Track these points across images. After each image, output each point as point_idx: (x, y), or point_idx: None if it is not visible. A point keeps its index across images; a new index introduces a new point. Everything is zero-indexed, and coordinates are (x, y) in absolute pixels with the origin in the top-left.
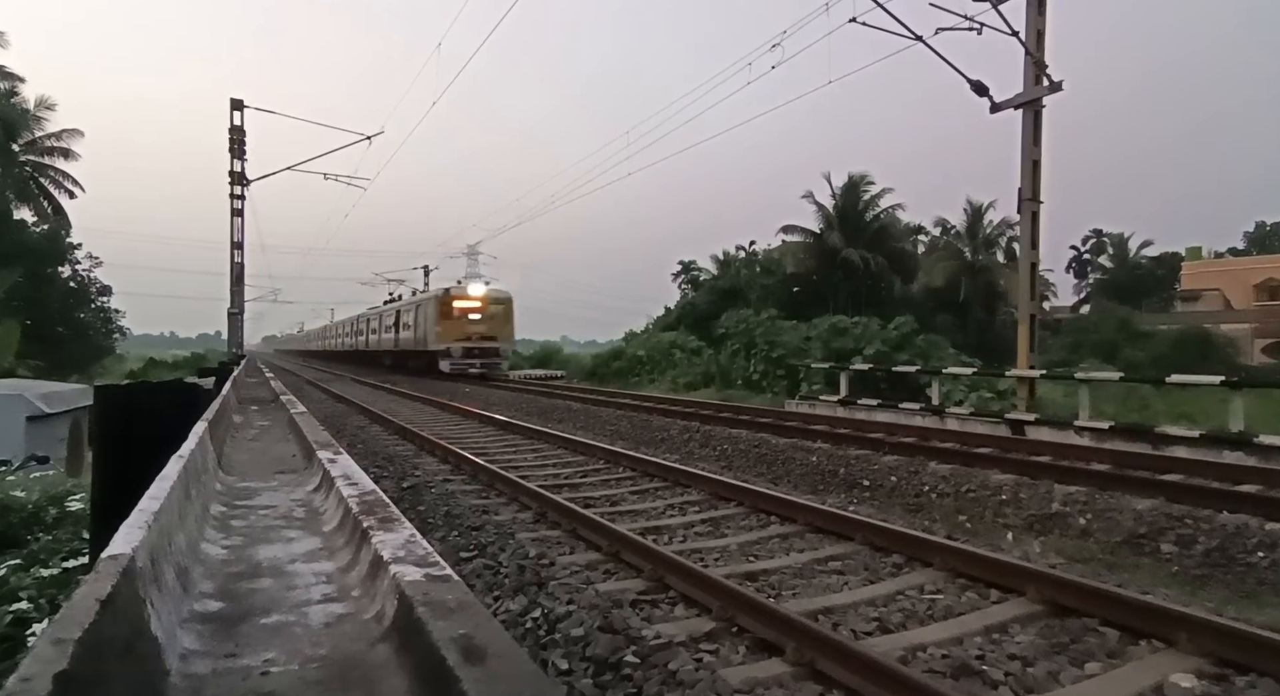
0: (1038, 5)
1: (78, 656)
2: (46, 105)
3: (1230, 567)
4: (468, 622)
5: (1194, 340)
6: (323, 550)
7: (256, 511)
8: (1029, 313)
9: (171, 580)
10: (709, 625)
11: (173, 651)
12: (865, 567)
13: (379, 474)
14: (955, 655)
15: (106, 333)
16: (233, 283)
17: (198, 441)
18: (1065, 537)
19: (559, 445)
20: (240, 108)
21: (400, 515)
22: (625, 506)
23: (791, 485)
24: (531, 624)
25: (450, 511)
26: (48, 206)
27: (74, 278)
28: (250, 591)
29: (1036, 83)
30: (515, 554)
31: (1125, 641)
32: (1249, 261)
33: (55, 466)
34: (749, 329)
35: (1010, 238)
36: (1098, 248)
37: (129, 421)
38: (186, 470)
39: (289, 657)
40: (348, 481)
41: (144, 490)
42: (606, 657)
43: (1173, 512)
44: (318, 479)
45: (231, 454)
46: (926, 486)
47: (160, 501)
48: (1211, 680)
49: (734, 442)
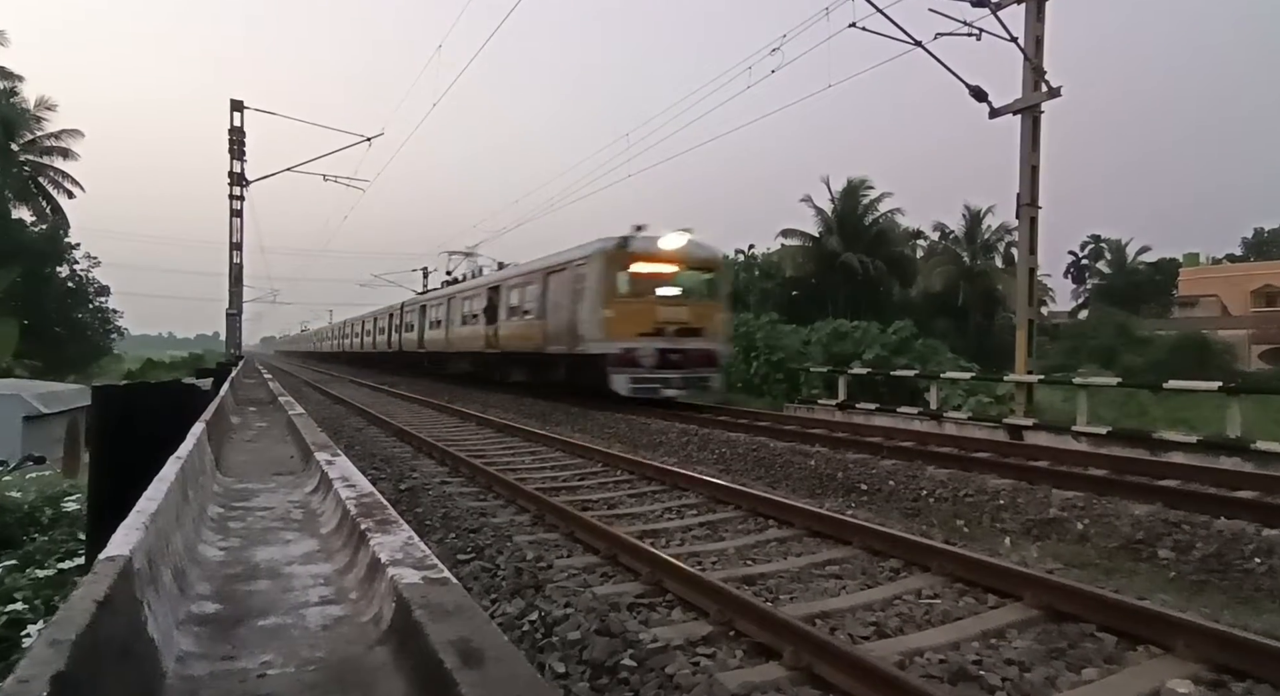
0: (1036, 11)
1: (74, 658)
2: (46, 105)
3: (1227, 573)
4: (465, 625)
5: (1191, 346)
6: (320, 552)
7: (254, 513)
8: (1027, 317)
9: (169, 582)
10: (706, 629)
11: (170, 653)
12: (863, 572)
13: (377, 476)
14: (952, 660)
15: (104, 333)
16: (231, 283)
17: (195, 442)
18: (1063, 542)
19: (557, 448)
20: (240, 109)
21: (398, 517)
22: (623, 509)
23: (789, 489)
24: (529, 627)
25: (448, 513)
26: (46, 206)
27: (72, 277)
28: (248, 593)
29: (1035, 88)
30: (513, 556)
31: (1123, 647)
32: (1246, 267)
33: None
34: (749, 332)
35: (1009, 243)
36: (1096, 253)
37: (126, 422)
38: (184, 471)
39: (286, 660)
40: (346, 483)
41: (141, 491)
42: (604, 661)
43: (1170, 518)
44: (316, 480)
45: (229, 455)
46: (924, 490)
47: (158, 502)
48: (1209, 686)
49: (732, 446)
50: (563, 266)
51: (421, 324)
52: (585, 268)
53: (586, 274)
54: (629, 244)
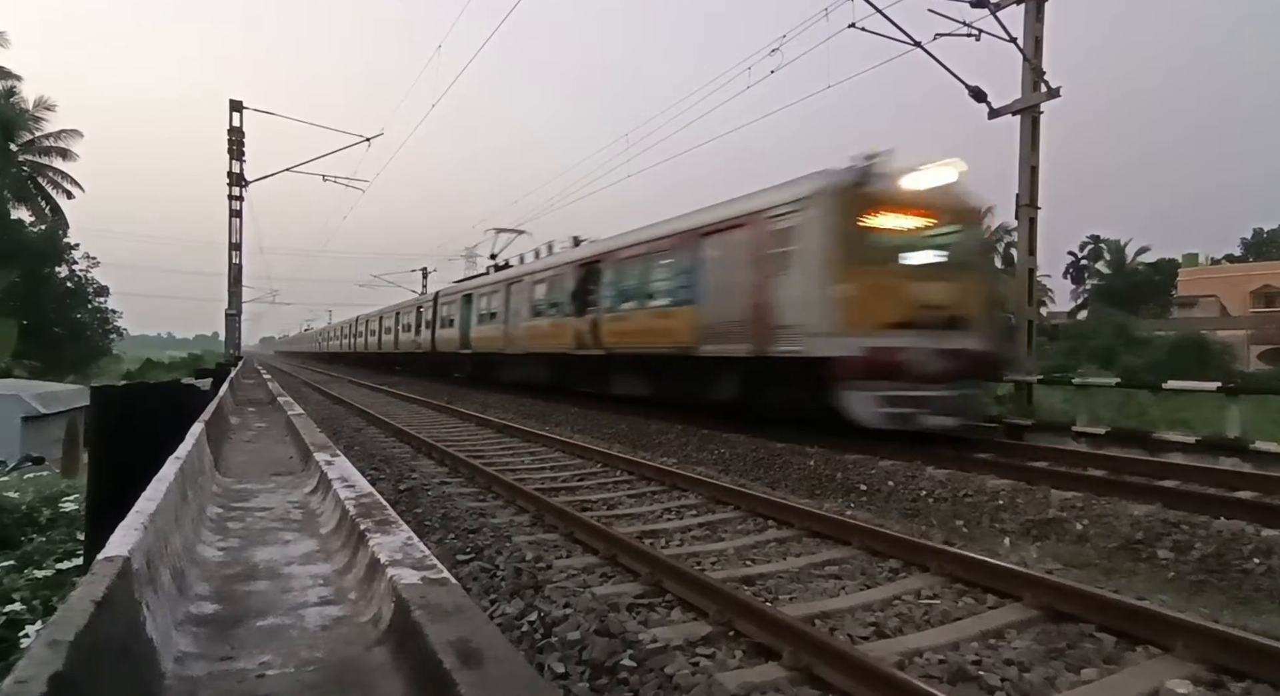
0: (1036, 11)
1: (73, 658)
2: (45, 105)
3: (1226, 573)
4: (465, 626)
5: (1190, 346)
6: (319, 552)
7: (253, 513)
8: (1027, 318)
9: (168, 582)
10: (706, 629)
11: (168, 653)
12: (862, 572)
13: (376, 476)
14: (952, 660)
15: (103, 333)
16: (231, 284)
17: (194, 443)
18: (1062, 543)
19: (556, 448)
20: (239, 109)
21: (397, 517)
22: (622, 510)
23: (789, 489)
24: (528, 627)
25: (447, 514)
26: (45, 206)
27: (71, 278)
28: (246, 593)
29: (1035, 89)
30: (512, 557)
31: (1122, 647)
32: (1245, 268)
33: (50, 467)
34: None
35: (1008, 243)
36: (1095, 254)
37: (125, 422)
38: (183, 472)
39: (285, 660)
40: (345, 483)
41: (140, 491)
42: (603, 661)
43: (1169, 518)
44: (315, 481)
45: (228, 455)
46: (923, 491)
47: (157, 503)
48: (1208, 686)
49: (731, 446)
50: (738, 221)
51: (466, 318)
52: (795, 217)
53: (798, 228)
54: (869, 179)
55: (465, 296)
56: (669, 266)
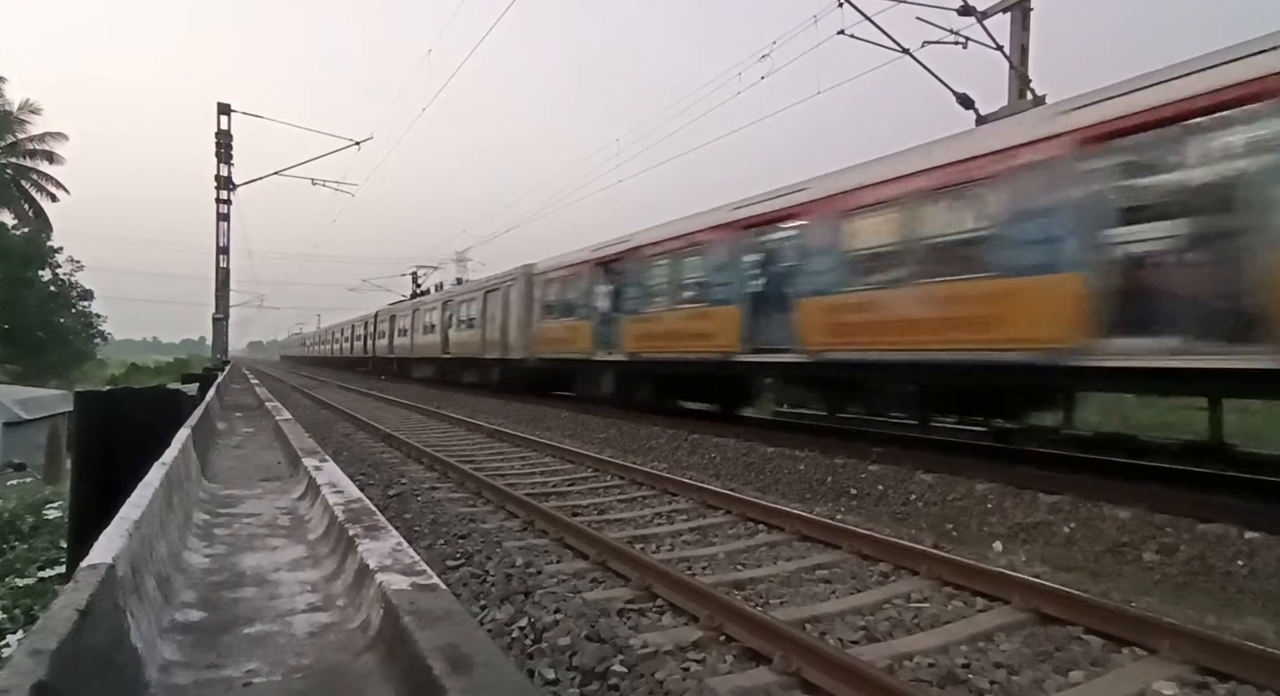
0: (1022, 20)
1: (55, 667)
2: (31, 109)
3: (1211, 576)
4: (454, 632)
5: None
6: (307, 558)
7: (240, 519)
8: None
9: (152, 589)
10: (696, 634)
11: (153, 662)
12: (852, 576)
13: (365, 482)
14: (941, 663)
15: (87, 337)
16: (218, 288)
17: (180, 448)
18: (1050, 546)
19: (547, 453)
20: (227, 112)
21: (386, 523)
22: (613, 515)
23: (779, 493)
24: (518, 633)
25: (437, 519)
26: (29, 210)
27: (54, 281)
28: (233, 600)
29: (1021, 96)
30: (502, 562)
31: (1109, 649)
32: None
33: (33, 473)
34: None
35: None
36: None
37: (110, 428)
38: (169, 477)
39: (272, 668)
40: (333, 489)
41: (125, 498)
42: (593, 667)
43: (1155, 521)
44: (303, 486)
45: (215, 461)
46: (913, 495)
47: (142, 509)
48: (1193, 687)
49: (721, 450)
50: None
51: (616, 301)
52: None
53: None
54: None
55: (540, 284)
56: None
